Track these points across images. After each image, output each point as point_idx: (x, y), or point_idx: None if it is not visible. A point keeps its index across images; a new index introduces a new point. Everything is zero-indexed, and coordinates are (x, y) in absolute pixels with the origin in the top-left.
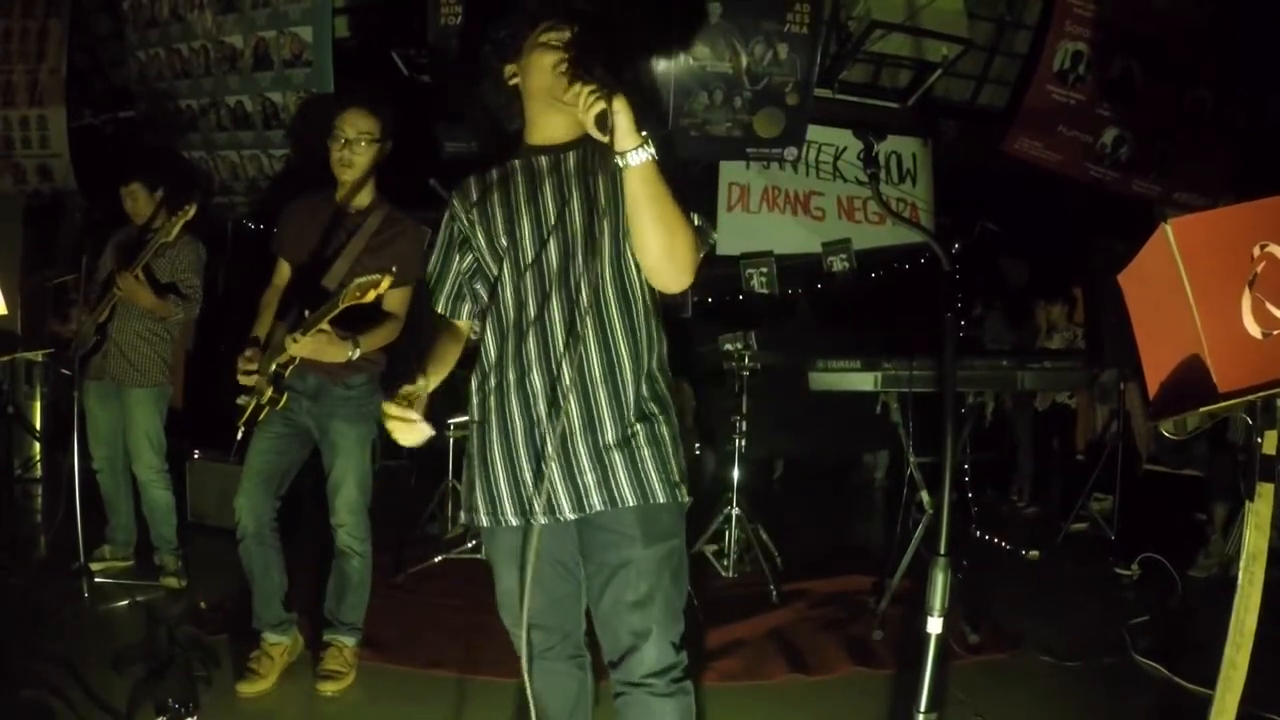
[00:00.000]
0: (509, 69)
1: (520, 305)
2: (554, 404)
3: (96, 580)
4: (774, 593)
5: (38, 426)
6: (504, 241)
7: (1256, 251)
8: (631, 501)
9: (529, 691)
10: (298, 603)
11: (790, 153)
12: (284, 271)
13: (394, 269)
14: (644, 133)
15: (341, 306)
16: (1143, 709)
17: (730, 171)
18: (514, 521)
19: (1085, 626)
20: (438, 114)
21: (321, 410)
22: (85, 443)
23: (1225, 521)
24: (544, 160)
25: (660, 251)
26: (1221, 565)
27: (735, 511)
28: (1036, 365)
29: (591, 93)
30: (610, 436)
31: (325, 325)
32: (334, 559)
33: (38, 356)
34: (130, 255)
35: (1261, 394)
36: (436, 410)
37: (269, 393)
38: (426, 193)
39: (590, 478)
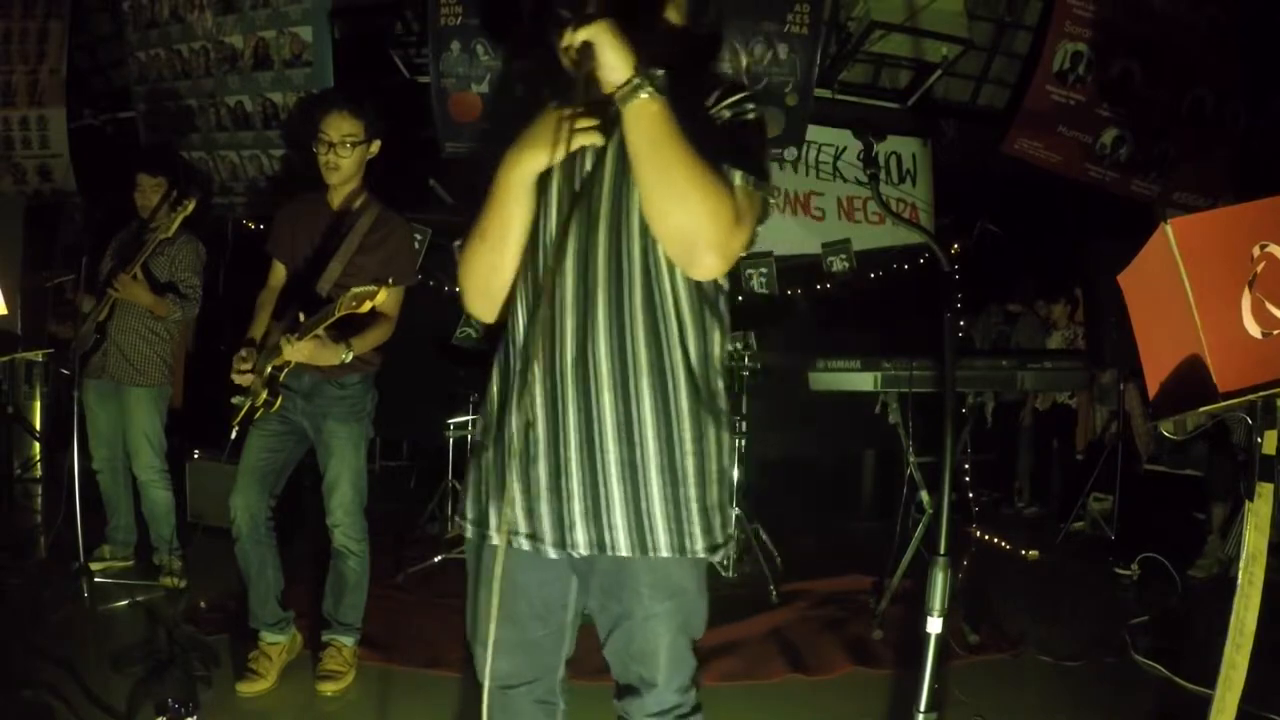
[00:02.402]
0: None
1: (537, 283)
2: (551, 405)
3: (96, 580)
4: (774, 593)
5: (38, 426)
6: (542, 204)
7: (1256, 251)
8: (625, 550)
9: None
10: (296, 603)
11: (790, 153)
12: (279, 272)
13: (390, 279)
14: (643, 66)
15: (336, 315)
16: (1143, 709)
17: None
18: (494, 540)
19: (1085, 626)
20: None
21: (316, 410)
22: (85, 443)
23: (1224, 522)
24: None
25: (669, 222)
26: (1221, 565)
27: (735, 512)
28: (1036, 365)
29: (571, 22)
30: (611, 457)
31: (320, 331)
32: (331, 559)
33: (38, 356)
34: (129, 254)
35: (1261, 394)
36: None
37: (263, 395)
38: (427, 192)
39: (577, 507)
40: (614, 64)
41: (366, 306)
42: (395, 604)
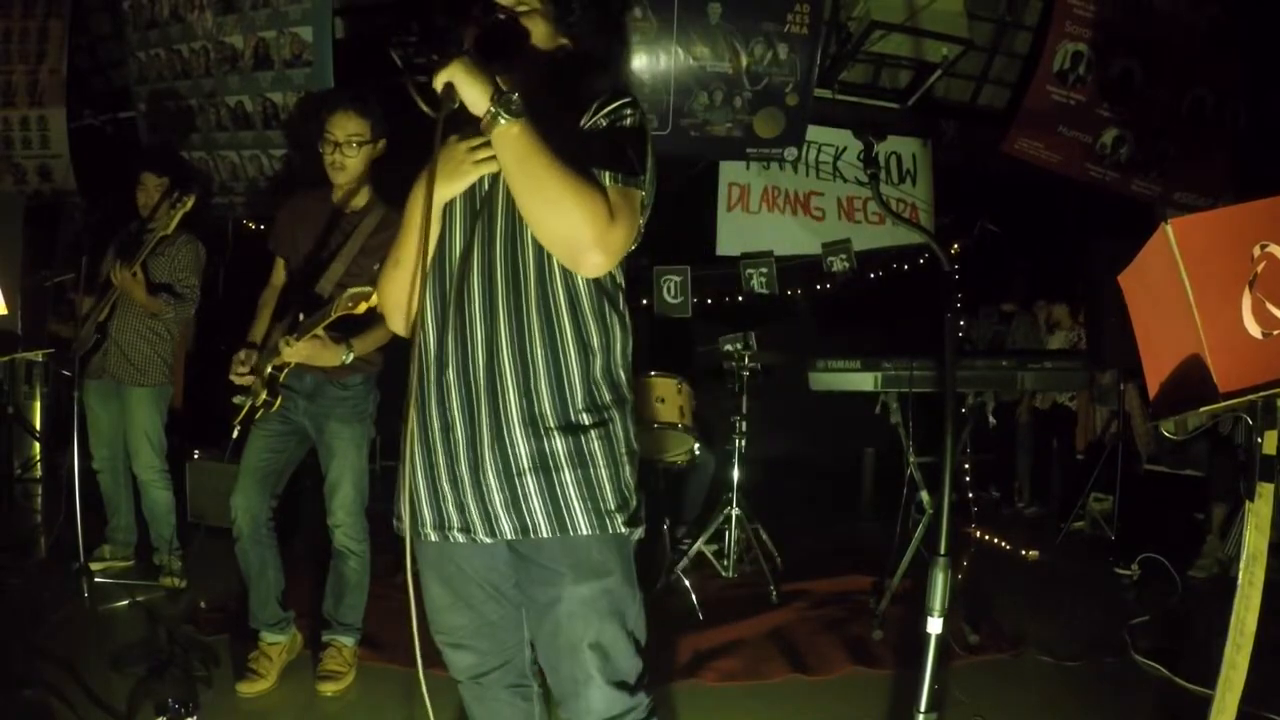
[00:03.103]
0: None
1: (444, 293)
2: (466, 408)
3: (96, 580)
4: (774, 593)
5: (38, 426)
6: (443, 220)
7: (1256, 251)
8: (546, 533)
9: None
10: (297, 603)
11: (790, 153)
12: (282, 270)
13: None
14: (500, 93)
15: (334, 316)
16: (1143, 709)
17: (730, 171)
18: (433, 536)
19: (1085, 626)
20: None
21: (317, 410)
22: (85, 443)
23: (1223, 522)
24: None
25: (547, 229)
26: (1221, 565)
27: (735, 512)
28: (1036, 365)
29: (434, 67)
30: (522, 451)
31: (319, 331)
32: (331, 560)
33: (38, 356)
34: (130, 253)
35: (1261, 394)
36: None
37: (263, 395)
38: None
39: (498, 499)
40: (473, 99)
41: (363, 308)
42: (395, 604)
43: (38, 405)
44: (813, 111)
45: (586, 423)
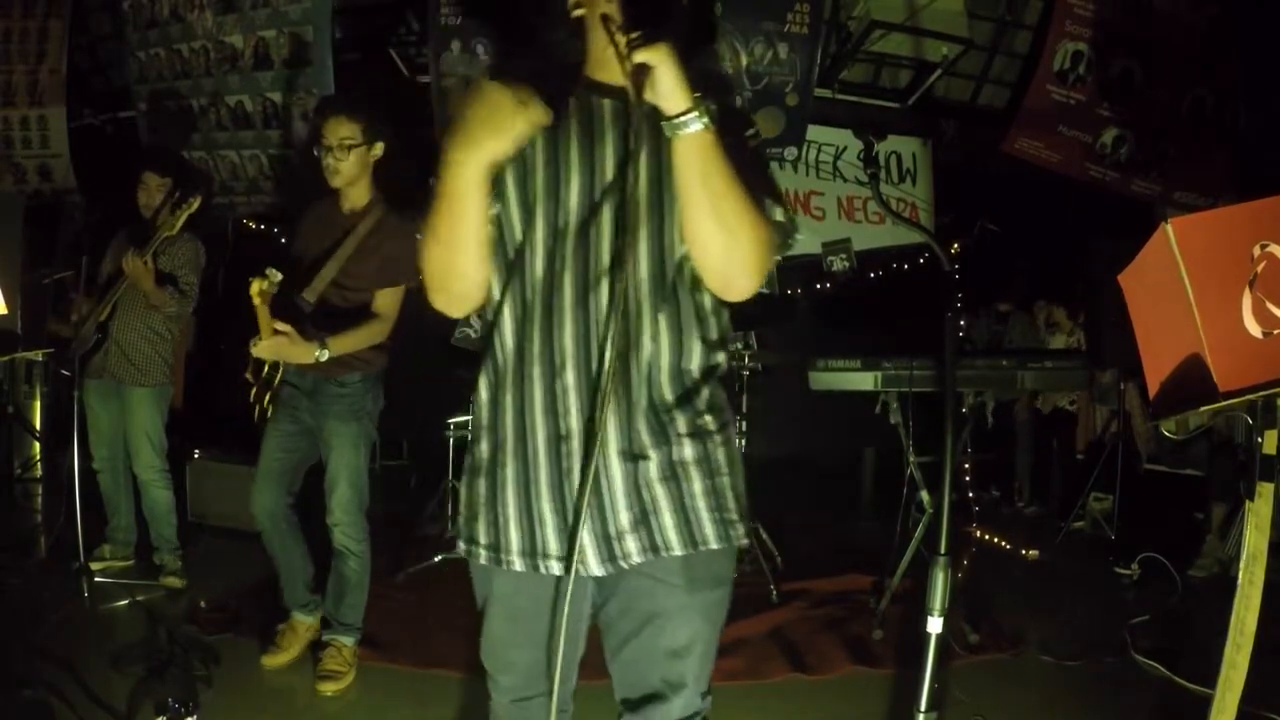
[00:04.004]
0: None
1: (553, 285)
2: (586, 415)
3: (96, 580)
4: (774, 593)
5: (38, 426)
6: (542, 199)
7: (1256, 251)
8: (678, 550)
9: None
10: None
11: (790, 152)
12: None
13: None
14: (698, 95)
15: (259, 307)
16: (1143, 709)
17: None
18: (519, 567)
19: (1085, 626)
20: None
21: (317, 408)
22: (85, 442)
23: (1223, 522)
24: (606, 104)
25: (713, 250)
26: (1221, 565)
27: None
28: (1036, 365)
29: (629, 41)
30: (652, 461)
31: (282, 326)
32: (331, 559)
33: (38, 356)
34: (142, 244)
35: (1261, 394)
36: (436, 409)
37: (253, 391)
38: (427, 193)
39: (625, 517)
40: (671, 91)
41: (254, 290)
42: (395, 604)
43: (38, 405)
44: (813, 111)
45: (712, 428)
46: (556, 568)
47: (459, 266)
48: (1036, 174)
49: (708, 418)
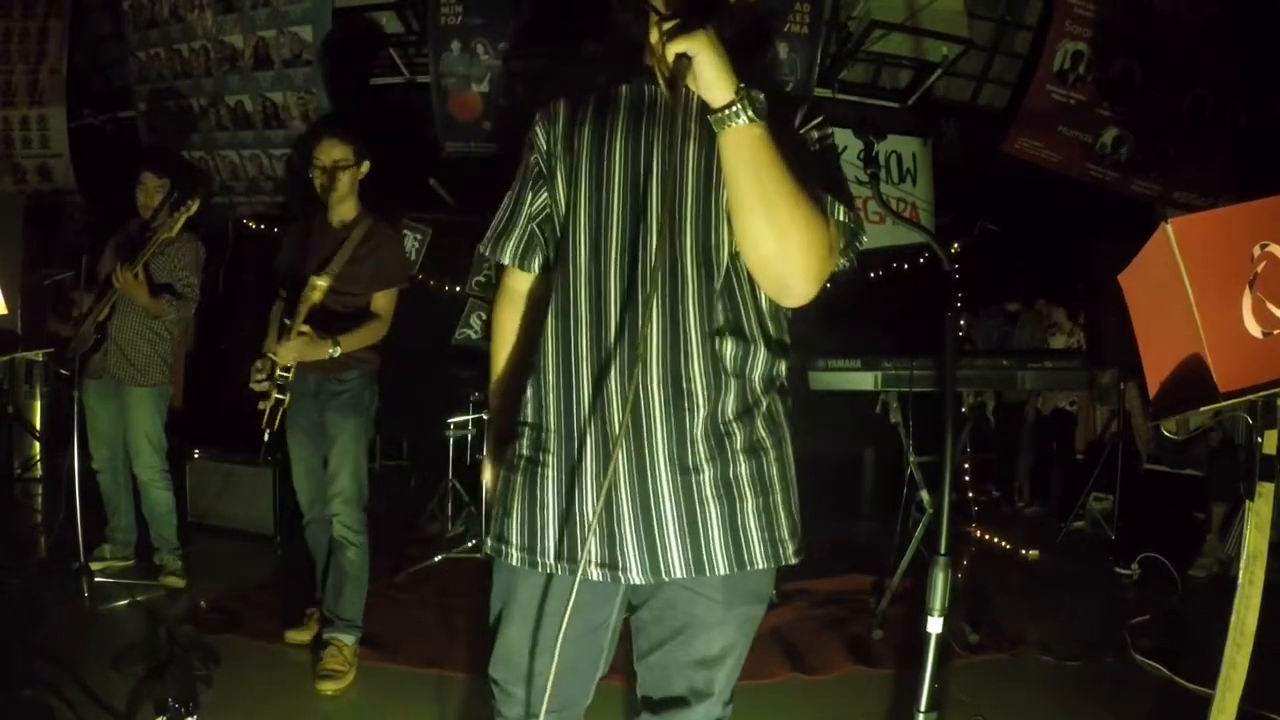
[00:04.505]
0: None
1: (600, 283)
2: (639, 424)
3: (96, 580)
4: (774, 593)
5: (38, 426)
6: (588, 190)
7: (1256, 251)
8: (723, 569)
9: None
10: (297, 600)
11: None
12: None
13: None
14: (742, 87)
15: (303, 310)
16: (1143, 709)
17: None
18: (554, 569)
19: (1085, 626)
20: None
21: (320, 405)
22: (85, 442)
23: (1223, 522)
24: (658, 93)
25: (764, 251)
26: (1221, 565)
27: None
28: (1037, 365)
29: (668, 29)
30: (706, 476)
31: (304, 328)
32: (330, 553)
33: (38, 356)
34: (131, 253)
35: (1261, 394)
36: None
37: (274, 395)
38: (427, 192)
39: (673, 530)
40: (715, 82)
41: (317, 294)
42: (395, 604)
43: (38, 405)
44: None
45: (768, 444)
46: (596, 574)
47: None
48: (1036, 174)
49: (764, 433)
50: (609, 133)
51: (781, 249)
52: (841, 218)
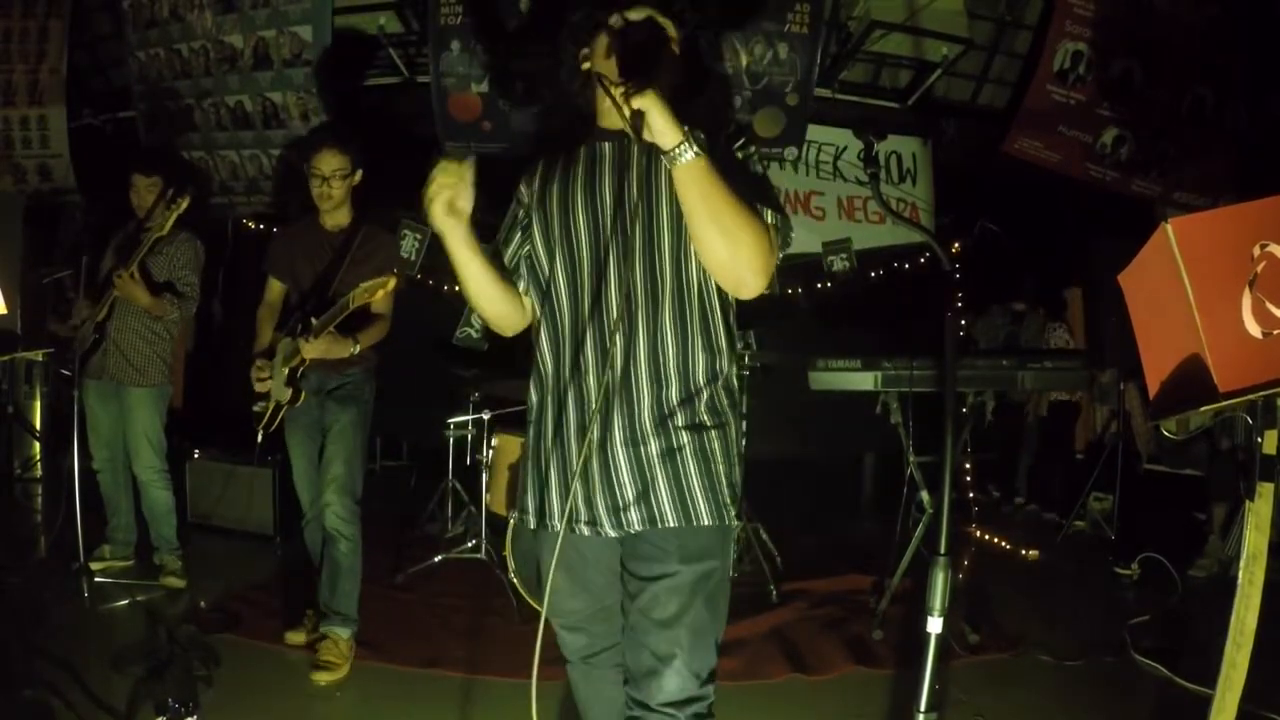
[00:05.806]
0: (581, 52)
1: (575, 307)
2: (604, 411)
3: (96, 580)
4: (774, 593)
5: (38, 426)
6: (559, 239)
7: (1256, 251)
8: (673, 521)
9: (576, 695)
10: (296, 599)
11: (790, 152)
12: (275, 289)
13: (394, 270)
14: (687, 128)
15: (353, 307)
16: (1143, 709)
17: None
18: (559, 528)
19: (1085, 626)
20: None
21: (323, 401)
22: (85, 443)
23: (1224, 522)
24: (607, 147)
25: (720, 256)
26: (1221, 565)
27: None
28: (1036, 365)
29: (622, 93)
30: (654, 447)
31: (332, 327)
32: (324, 547)
33: (38, 356)
34: (128, 253)
35: (1261, 394)
36: (436, 410)
37: (288, 394)
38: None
39: (630, 492)
40: (664, 129)
41: (379, 295)
42: (395, 604)
43: (38, 405)
44: (813, 111)
45: (709, 424)
46: (585, 530)
47: (489, 310)
48: (1036, 174)
49: (705, 416)
50: (570, 189)
51: (734, 253)
52: (770, 220)
